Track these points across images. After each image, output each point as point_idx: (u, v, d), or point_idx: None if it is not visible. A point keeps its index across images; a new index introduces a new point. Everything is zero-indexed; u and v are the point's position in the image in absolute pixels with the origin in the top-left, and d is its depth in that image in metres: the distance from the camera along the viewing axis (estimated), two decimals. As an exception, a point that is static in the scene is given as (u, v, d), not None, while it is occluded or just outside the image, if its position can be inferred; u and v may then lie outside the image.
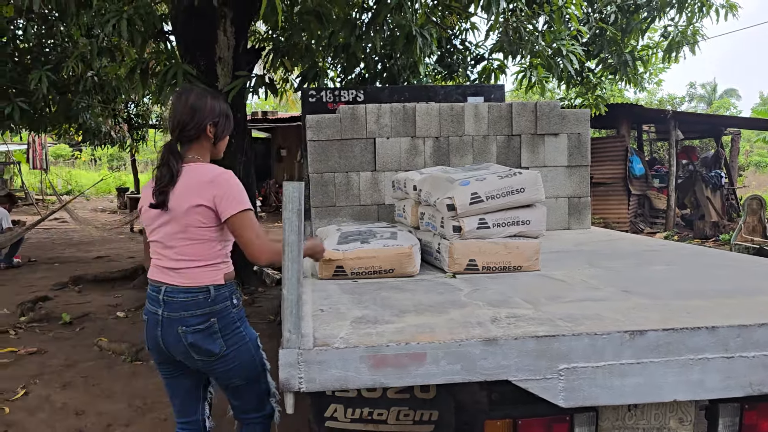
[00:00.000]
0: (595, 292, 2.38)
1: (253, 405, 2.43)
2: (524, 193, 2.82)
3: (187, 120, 2.25)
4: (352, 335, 1.81)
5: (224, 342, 2.23)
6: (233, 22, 7.05)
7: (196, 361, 2.26)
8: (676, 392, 1.81)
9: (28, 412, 3.90)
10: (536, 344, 1.75)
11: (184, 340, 2.20)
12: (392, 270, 2.78)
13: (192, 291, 2.19)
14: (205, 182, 2.17)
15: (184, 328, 2.19)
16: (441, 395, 2.74)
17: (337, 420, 2.90)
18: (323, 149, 4.39)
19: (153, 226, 2.28)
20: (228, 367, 2.28)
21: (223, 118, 2.34)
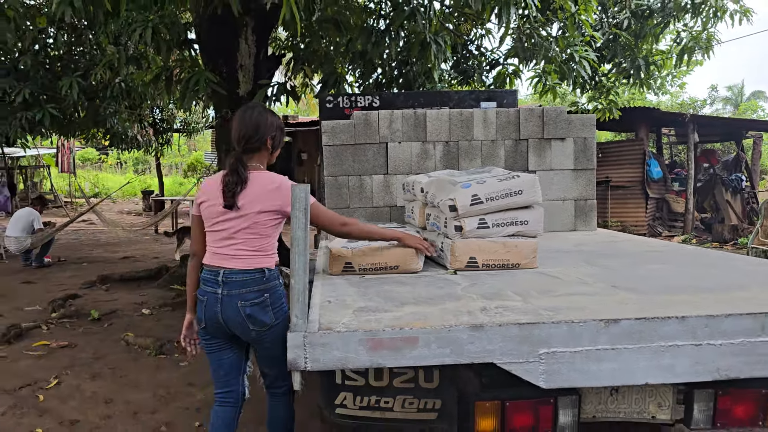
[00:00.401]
0: (585, 288, 2.55)
1: (283, 374, 2.70)
2: (522, 195, 3.00)
3: (252, 133, 2.66)
4: (353, 321, 2.01)
5: (274, 314, 2.60)
6: (254, 31, 7.31)
7: (250, 331, 2.60)
8: (647, 376, 1.99)
9: (61, 400, 4.16)
10: (519, 330, 1.93)
11: (242, 313, 2.56)
12: (397, 266, 2.98)
13: (249, 272, 2.56)
14: (273, 189, 2.58)
15: (243, 302, 2.55)
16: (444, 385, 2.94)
17: (346, 407, 3.12)
18: (338, 153, 4.61)
19: (217, 220, 2.63)
20: (274, 337, 2.62)
21: (279, 132, 2.77)
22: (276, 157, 2.84)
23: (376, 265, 2.98)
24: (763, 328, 1.99)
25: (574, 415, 2.17)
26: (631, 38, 8.67)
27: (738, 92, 38.40)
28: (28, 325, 5.88)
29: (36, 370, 4.75)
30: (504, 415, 2.16)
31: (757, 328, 1.99)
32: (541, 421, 2.16)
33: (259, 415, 3.80)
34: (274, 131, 2.73)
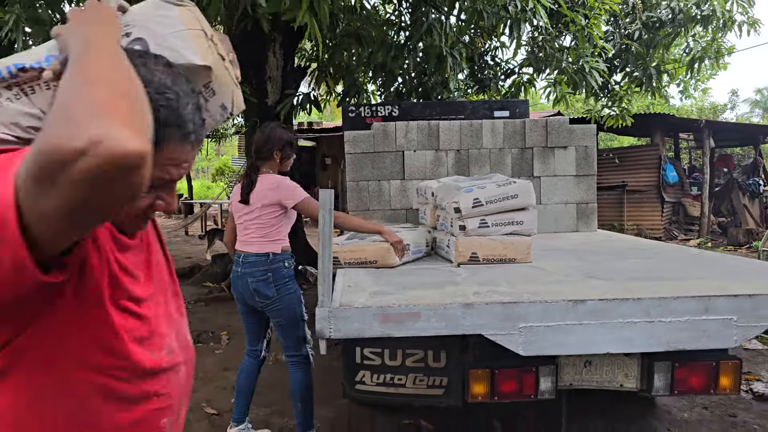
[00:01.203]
0: (564, 277, 2.99)
1: (292, 344, 3.52)
2: (517, 199, 3.45)
3: (262, 146, 3.45)
4: (368, 301, 2.48)
5: (276, 290, 3.36)
6: (282, 45, 7.85)
7: (257, 302, 3.41)
8: (609, 347, 2.42)
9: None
10: (502, 308, 2.38)
11: (250, 287, 3.36)
12: (375, 261, 3.38)
13: (258, 255, 3.35)
14: (273, 188, 3.32)
15: (251, 279, 3.36)
16: (450, 365, 3.40)
17: (365, 384, 3.60)
18: (359, 161, 5.09)
19: (238, 214, 3.42)
20: (277, 308, 3.40)
21: (288, 145, 3.48)
22: (288, 165, 3.53)
23: (358, 259, 3.42)
24: (707, 308, 2.42)
25: (553, 382, 2.61)
26: (642, 48, 9.03)
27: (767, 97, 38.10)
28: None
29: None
30: (493, 381, 2.61)
31: (701, 308, 2.41)
32: (525, 387, 2.60)
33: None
34: (282, 145, 3.44)
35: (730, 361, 2.62)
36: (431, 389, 3.47)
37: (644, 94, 10.08)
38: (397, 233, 3.56)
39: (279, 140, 3.44)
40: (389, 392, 3.54)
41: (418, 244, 3.69)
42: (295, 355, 3.52)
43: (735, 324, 2.42)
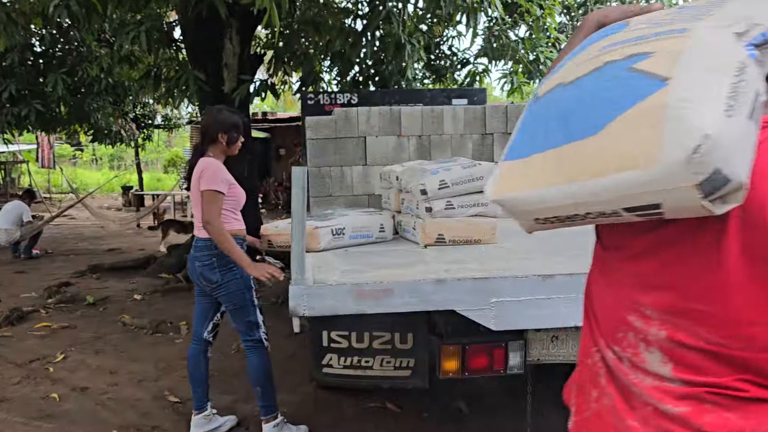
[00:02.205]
0: (531, 255, 3.06)
1: (243, 329, 3.43)
2: (482, 180, 3.49)
3: (207, 129, 3.35)
4: (341, 278, 2.48)
5: (220, 275, 3.27)
6: (238, 32, 7.72)
7: (205, 286, 3.35)
8: (578, 320, 2.48)
9: (69, 371, 4.57)
10: (473, 284, 2.42)
11: (197, 271, 3.31)
12: None
13: (204, 240, 3.27)
14: (200, 171, 3.22)
15: (198, 263, 3.30)
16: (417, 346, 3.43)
17: (332, 367, 3.60)
18: (321, 146, 5.06)
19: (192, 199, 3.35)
20: (223, 293, 3.32)
21: (233, 128, 3.34)
22: (236, 149, 3.40)
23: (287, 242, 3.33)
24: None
25: (522, 357, 2.67)
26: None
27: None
28: (27, 309, 6.24)
29: (42, 347, 5.13)
30: (464, 357, 2.65)
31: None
32: (495, 362, 2.65)
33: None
34: (227, 127, 3.31)
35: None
36: (398, 371, 3.50)
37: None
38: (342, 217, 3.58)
39: (224, 122, 3.32)
40: (357, 374, 3.55)
41: (365, 229, 3.67)
42: (248, 339, 3.45)
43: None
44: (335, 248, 3.43)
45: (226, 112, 3.40)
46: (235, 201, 3.33)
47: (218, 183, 3.17)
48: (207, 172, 3.18)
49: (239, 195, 3.37)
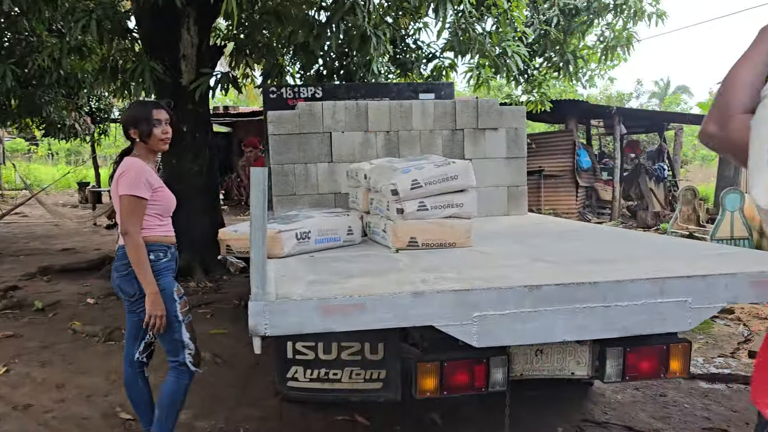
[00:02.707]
0: (511, 261, 2.85)
1: (168, 348, 3.05)
2: (457, 180, 3.28)
3: (123, 128, 3.05)
4: (307, 291, 2.23)
5: (138, 287, 2.88)
6: (196, 22, 7.37)
7: (124, 300, 3.03)
8: (565, 334, 2.29)
9: (12, 387, 4.21)
10: (454, 296, 2.19)
11: (116, 282, 2.99)
12: None
13: (121, 248, 2.94)
14: (119, 172, 2.91)
15: (115, 273, 2.98)
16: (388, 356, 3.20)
17: (298, 380, 3.35)
18: (284, 142, 4.79)
19: None
20: (143, 308, 2.89)
21: (142, 121, 2.95)
22: (158, 144, 2.99)
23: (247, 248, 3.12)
24: (662, 291, 2.32)
25: (504, 373, 2.46)
26: (560, 34, 9.13)
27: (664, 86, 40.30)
28: (-33, 317, 5.82)
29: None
30: (443, 375, 2.43)
31: (656, 290, 2.32)
32: (476, 379, 2.44)
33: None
34: (135, 122, 2.96)
35: (680, 344, 2.56)
36: (369, 383, 3.27)
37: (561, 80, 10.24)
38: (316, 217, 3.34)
39: (132, 117, 2.98)
40: (324, 388, 3.31)
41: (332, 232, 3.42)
42: (173, 360, 3.06)
43: (690, 306, 2.35)
44: (300, 253, 3.18)
45: (137, 106, 3.13)
46: (161, 206, 2.97)
47: (138, 187, 2.83)
48: (126, 175, 2.84)
49: (166, 199, 3.01)
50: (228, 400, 4.05)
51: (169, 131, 3.00)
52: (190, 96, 7.40)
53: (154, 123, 2.94)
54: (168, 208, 3.03)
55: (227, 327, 5.67)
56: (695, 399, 4.12)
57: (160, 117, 2.96)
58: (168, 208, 3.03)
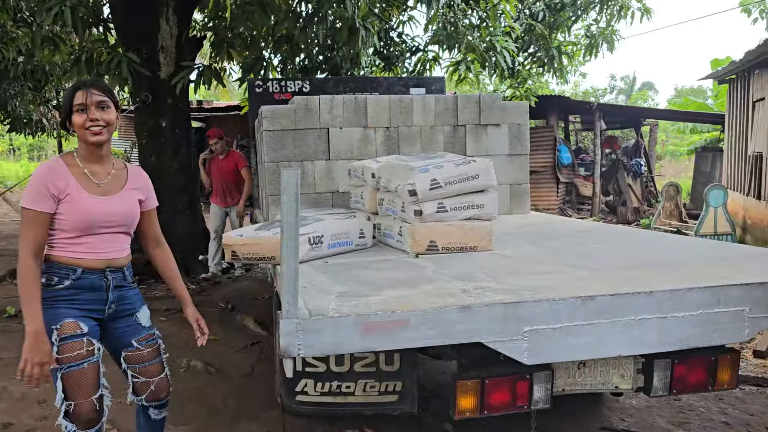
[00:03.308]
0: (543, 267, 2.66)
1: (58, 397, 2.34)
2: (478, 179, 3.08)
3: None
4: (341, 306, 2.01)
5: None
6: (176, 11, 7.04)
7: None
8: (619, 348, 2.11)
9: (-13, 403, 3.90)
10: (504, 310, 2.00)
11: None
12: (273, 257, 2.89)
13: None
14: None
15: None
16: (404, 367, 3.00)
17: (307, 394, 3.13)
18: (279, 139, 4.53)
19: None
20: None
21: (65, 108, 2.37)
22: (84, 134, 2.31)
23: (255, 254, 2.96)
24: (719, 300, 2.16)
25: (548, 390, 2.28)
26: (545, 29, 9.02)
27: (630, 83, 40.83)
28: (-66, 325, 5.44)
29: (-48, 372, 4.41)
30: (483, 393, 2.23)
31: (714, 300, 2.16)
32: (518, 397, 2.25)
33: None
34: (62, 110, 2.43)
35: (728, 354, 2.41)
36: (384, 396, 3.08)
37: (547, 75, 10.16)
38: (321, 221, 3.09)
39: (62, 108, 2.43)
40: (336, 402, 3.11)
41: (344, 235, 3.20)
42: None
43: (747, 315, 2.19)
44: (312, 259, 2.95)
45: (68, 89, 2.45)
46: (67, 222, 2.29)
47: (33, 199, 2.24)
48: (29, 182, 2.32)
49: (76, 213, 2.29)
50: (226, 413, 3.80)
51: (97, 117, 2.28)
52: (169, 90, 7.08)
53: (76, 108, 2.29)
54: (76, 225, 2.30)
55: (216, 332, 5.38)
56: (710, 402, 4.01)
57: (83, 101, 2.27)
58: (76, 225, 2.30)
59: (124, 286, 2.48)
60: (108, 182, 2.41)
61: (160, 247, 2.66)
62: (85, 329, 2.31)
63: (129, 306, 2.51)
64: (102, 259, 2.38)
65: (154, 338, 2.59)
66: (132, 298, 2.53)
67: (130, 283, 2.53)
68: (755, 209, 9.52)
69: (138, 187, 2.51)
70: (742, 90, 10.39)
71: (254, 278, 7.73)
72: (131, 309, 2.51)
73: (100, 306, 2.40)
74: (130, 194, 2.46)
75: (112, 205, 2.38)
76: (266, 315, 5.67)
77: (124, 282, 2.48)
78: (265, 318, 5.58)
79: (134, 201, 2.47)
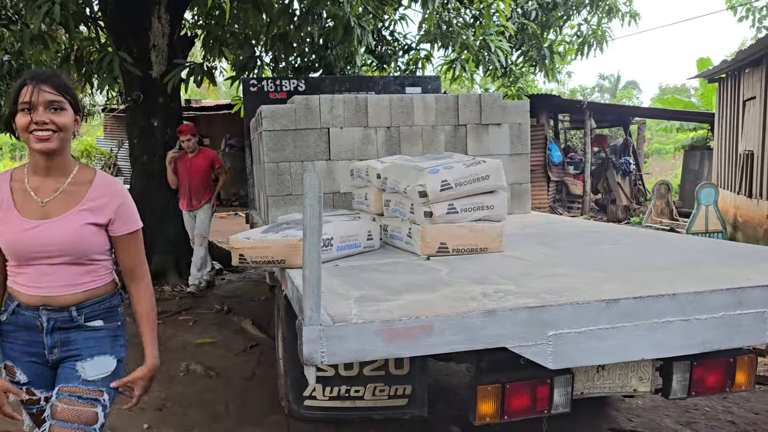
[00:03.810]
0: (559, 269, 2.63)
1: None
2: (489, 180, 3.05)
3: None
4: (363, 312, 1.96)
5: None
6: (168, 9, 6.94)
7: None
8: (643, 352, 2.09)
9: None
10: (528, 314, 1.96)
11: None
12: (283, 261, 2.82)
13: None
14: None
15: None
16: (414, 371, 2.96)
17: (316, 399, 3.08)
18: (279, 139, 4.47)
19: None
20: None
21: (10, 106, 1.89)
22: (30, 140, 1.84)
23: (264, 257, 2.88)
24: (741, 302, 2.14)
25: (568, 393, 2.25)
26: (537, 28, 9.02)
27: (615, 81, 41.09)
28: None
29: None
30: (504, 398, 2.19)
31: (736, 302, 2.14)
32: (539, 401, 2.22)
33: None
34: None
35: (746, 355, 2.39)
36: (393, 399, 3.04)
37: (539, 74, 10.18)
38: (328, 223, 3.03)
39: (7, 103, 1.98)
40: (345, 406, 3.06)
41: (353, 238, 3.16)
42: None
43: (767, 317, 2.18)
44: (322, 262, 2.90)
45: None
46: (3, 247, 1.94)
47: None
48: None
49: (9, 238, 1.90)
50: (228, 418, 3.74)
51: (45, 120, 1.81)
52: (160, 89, 6.98)
53: (21, 107, 1.83)
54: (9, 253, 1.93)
55: (213, 335, 5.33)
56: (714, 402, 4.00)
57: (29, 98, 1.81)
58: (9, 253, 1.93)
59: (71, 329, 1.93)
60: (53, 201, 1.90)
61: (134, 283, 2.06)
62: (23, 378, 1.94)
63: (75, 352, 1.94)
64: (36, 295, 1.90)
65: (90, 399, 1.90)
66: (83, 342, 1.95)
67: (86, 324, 1.95)
68: (746, 207, 9.59)
69: (93, 207, 1.92)
70: (733, 89, 10.46)
71: (248, 279, 7.66)
72: (77, 356, 1.93)
73: (39, 350, 1.94)
74: (77, 217, 1.89)
75: (46, 232, 1.86)
76: (264, 317, 5.61)
77: (71, 324, 1.93)
78: (262, 320, 5.52)
79: (80, 225, 1.89)
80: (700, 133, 16.87)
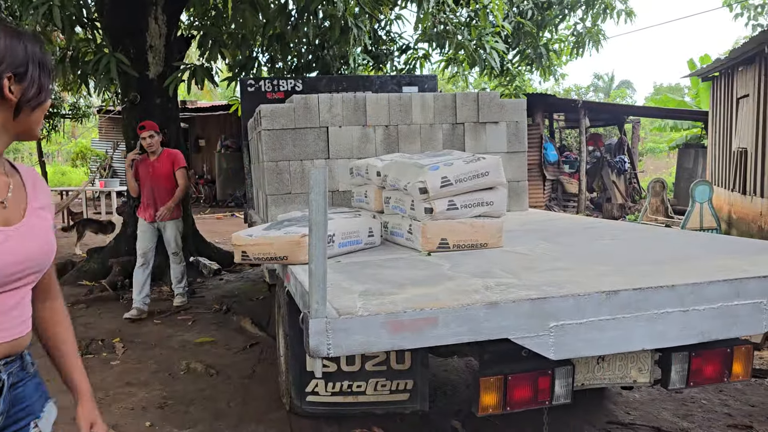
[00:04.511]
0: (561, 263, 2.67)
1: None
2: (488, 177, 3.08)
3: None
4: (368, 305, 1.99)
5: None
6: (165, 9, 6.96)
7: None
8: (643, 342, 2.12)
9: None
10: (530, 306, 2.00)
11: None
12: (285, 257, 2.82)
13: None
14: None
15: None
16: (415, 366, 3.00)
17: (318, 395, 3.12)
18: (278, 138, 4.50)
19: None
20: None
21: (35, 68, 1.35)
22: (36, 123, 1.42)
23: (266, 254, 2.88)
24: (738, 293, 2.18)
25: (568, 384, 2.28)
26: (533, 27, 9.08)
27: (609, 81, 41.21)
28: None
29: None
30: (506, 390, 2.22)
31: (733, 292, 2.18)
32: (540, 393, 2.25)
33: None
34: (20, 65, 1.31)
35: (743, 346, 2.43)
36: (395, 394, 3.09)
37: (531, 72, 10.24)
38: None
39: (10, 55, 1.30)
40: (347, 402, 3.11)
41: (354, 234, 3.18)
42: None
43: (764, 308, 2.22)
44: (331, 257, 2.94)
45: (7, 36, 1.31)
46: None
47: None
48: None
49: None
50: (230, 416, 3.76)
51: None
52: (157, 90, 7.00)
53: None
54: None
55: (213, 334, 5.35)
56: (711, 394, 4.05)
57: None
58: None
59: (20, 381, 1.43)
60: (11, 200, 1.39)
61: (50, 302, 1.59)
62: None
63: (28, 410, 1.46)
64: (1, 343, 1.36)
65: None
66: (32, 396, 1.48)
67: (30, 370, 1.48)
68: (740, 204, 9.66)
69: (44, 204, 1.47)
70: (726, 87, 10.54)
71: (246, 279, 7.68)
72: (29, 415, 1.46)
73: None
74: (38, 218, 1.42)
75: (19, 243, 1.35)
76: (262, 316, 5.64)
77: (23, 375, 1.44)
78: (262, 319, 5.54)
79: (47, 229, 1.44)
80: (692, 132, 16.96)
